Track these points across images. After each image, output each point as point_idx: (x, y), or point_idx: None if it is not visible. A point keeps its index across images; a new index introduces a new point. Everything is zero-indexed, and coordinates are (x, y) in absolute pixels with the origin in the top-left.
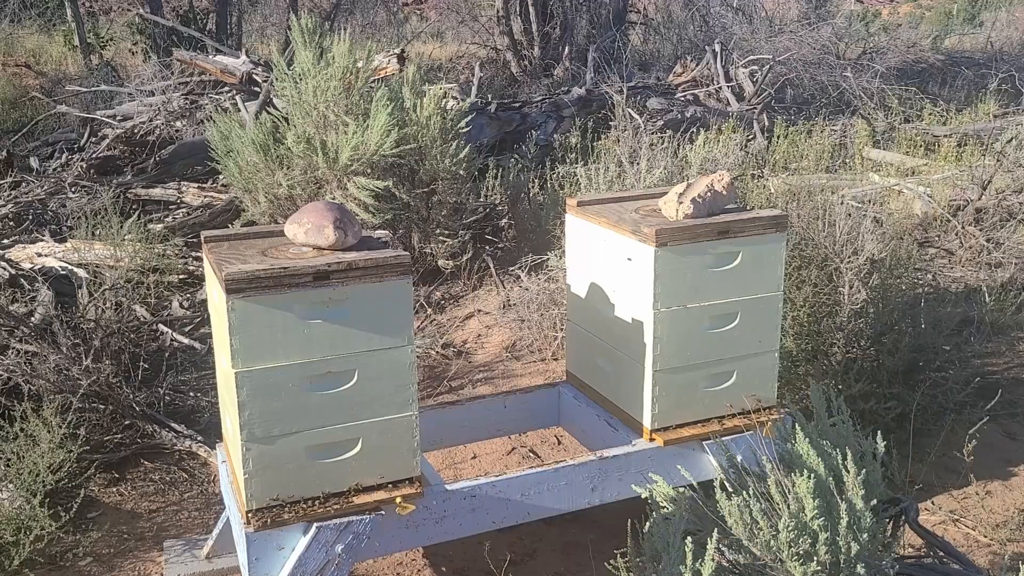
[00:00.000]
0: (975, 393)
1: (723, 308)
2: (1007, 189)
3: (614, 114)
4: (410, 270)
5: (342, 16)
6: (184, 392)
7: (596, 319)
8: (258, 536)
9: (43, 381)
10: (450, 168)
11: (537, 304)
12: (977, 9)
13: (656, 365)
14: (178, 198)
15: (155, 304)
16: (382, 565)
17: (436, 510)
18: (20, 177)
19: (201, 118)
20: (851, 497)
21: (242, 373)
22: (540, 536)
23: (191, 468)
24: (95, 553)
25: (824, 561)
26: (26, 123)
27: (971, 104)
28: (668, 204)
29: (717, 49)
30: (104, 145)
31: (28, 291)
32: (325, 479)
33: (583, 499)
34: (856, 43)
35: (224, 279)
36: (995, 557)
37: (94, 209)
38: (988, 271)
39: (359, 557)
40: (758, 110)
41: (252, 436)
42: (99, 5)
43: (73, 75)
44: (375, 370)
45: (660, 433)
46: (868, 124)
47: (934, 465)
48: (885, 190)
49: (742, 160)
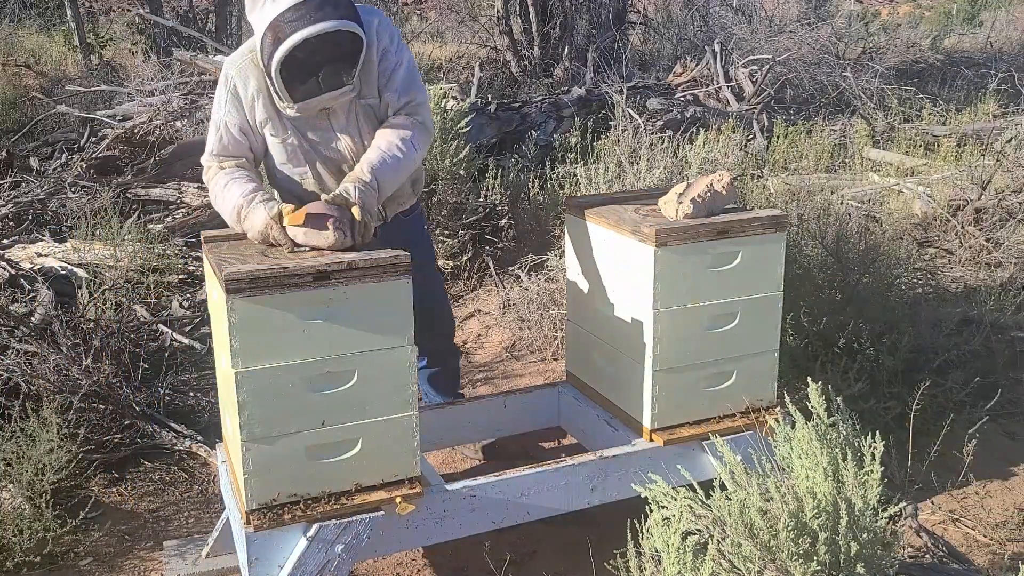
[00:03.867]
0: (975, 393)
1: (723, 308)
2: (1007, 189)
3: (614, 114)
4: (410, 270)
5: None
6: (184, 392)
7: (596, 319)
8: (258, 536)
9: (43, 381)
10: (450, 168)
11: (537, 304)
12: (977, 9)
13: (656, 365)
14: (178, 198)
15: (155, 304)
16: (382, 565)
17: (436, 510)
18: (20, 177)
19: (201, 118)
20: (851, 497)
21: (242, 373)
22: (540, 536)
23: (191, 468)
24: (95, 553)
25: (824, 561)
26: (26, 123)
27: (971, 104)
28: (668, 204)
29: (717, 49)
30: (104, 145)
31: (28, 291)
32: (325, 479)
33: (583, 499)
34: (856, 43)
35: (224, 279)
36: (995, 557)
37: (94, 209)
38: (988, 271)
39: (359, 557)
40: (758, 110)
41: (252, 436)
42: (99, 5)
43: (73, 75)
44: (375, 370)
45: (660, 433)
46: (868, 124)
47: (934, 465)
48: (885, 190)
49: (742, 160)
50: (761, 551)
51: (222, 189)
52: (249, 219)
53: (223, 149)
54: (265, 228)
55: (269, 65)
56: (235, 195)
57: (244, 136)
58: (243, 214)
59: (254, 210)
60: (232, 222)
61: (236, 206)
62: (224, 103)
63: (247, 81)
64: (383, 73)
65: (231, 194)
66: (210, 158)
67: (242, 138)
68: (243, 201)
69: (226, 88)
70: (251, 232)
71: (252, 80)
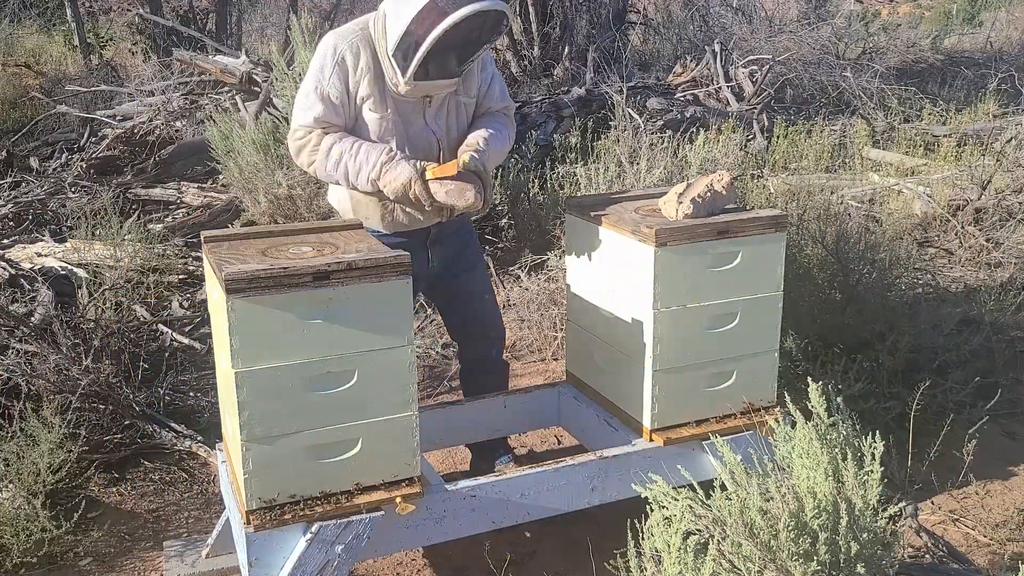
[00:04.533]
0: (975, 393)
1: (723, 308)
2: (1007, 189)
3: (614, 114)
4: (410, 270)
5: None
6: (184, 392)
7: (596, 319)
8: (258, 536)
9: (43, 381)
10: None
11: (537, 304)
12: (976, 9)
13: (656, 365)
14: (178, 198)
15: (155, 304)
16: (382, 565)
17: (436, 510)
18: (20, 177)
19: (201, 118)
20: (851, 497)
21: (242, 373)
22: (540, 536)
23: (191, 468)
24: (95, 553)
25: (824, 561)
26: (26, 123)
27: (971, 104)
28: (668, 204)
29: (717, 49)
30: (104, 145)
31: (28, 291)
32: (325, 479)
33: (583, 499)
34: (856, 43)
35: (224, 279)
36: (995, 557)
37: (94, 209)
38: (988, 271)
39: (359, 557)
40: (758, 110)
41: (252, 436)
42: (99, 5)
43: (73, 75)
44: (375, 370)
45: (660, 433)
46: (868, 124)
47: (934, 465)
48: (885, 190)
49: (742, 160)
50: (761, 551)
51: (349, 149)
52: (391, 173)
53: (326, 116)
54: (408, 182)
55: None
56: (372, 153)
57: (342, 107)
58: (383, 169)
59: (397, 165)
60: (360, 179)
61: (374, 162)
62: (328, 75)
63: (357, 56)
64: (484, 80)
65: (365, 152)
66: (313, 123)
67: (340, 109)
68: (385, 157)
69: (333, 59)
70: (391, 186)
71: (363, 55)
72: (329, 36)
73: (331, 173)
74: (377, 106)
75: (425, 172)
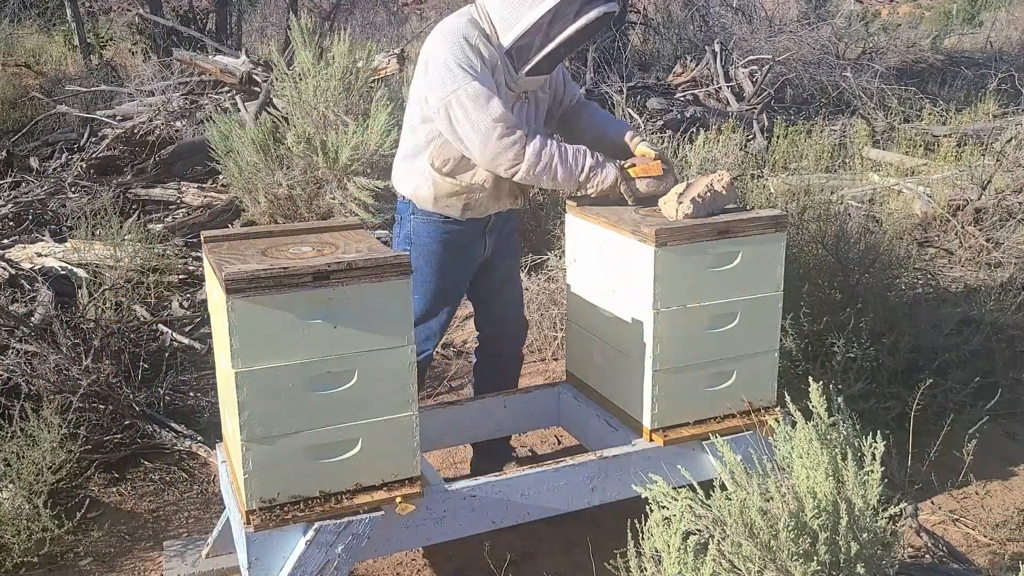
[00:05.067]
0: (975, 393)
1: (723, 308)
2: (1007, 189)
3: (614, 114)
4: (410, 270)
5: (342, 16)
6: (184, 392)
7: (596, 319)
8: (258, 536)
9: (43, 381)
10: None
11: (537, 304)
12: (976, 9)
13: (656, 365)
14: (178, 198)
15: (155, 304)
16: (382, 565)
17: (436, 510)
18: (20, 177)
19: (201, 118)
20: (851, 497)
21: (242, 373)
22: (540, 536)
23: (191, 468)
24: (95, 553)
25: (824, 561)
26: (26, 123)
27: (971, 104)
28: (668, 204)
29: (717, 49)
30: (104, 145)
31: (28, 291)
32: (325, 479)
33: (583, 499)
34: (856, 43)
35: (224, 279)
36: (995, 557)
37: (94, 209)
38: (988, 271)
39: (359, 557)
40: (758, 110)
41: (252, 436)
42: (99, 5)
43: (73, 75)
44: (375, 370)
45: (660, 433)
46: (868, 124)
47: (934, 465)
48: (885, 190)
49: (742, 160)
50: (761, 551)
51: (569, 152)
52: (602, 174)
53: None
54: (615, 182)
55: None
56: (579, 157)
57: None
58: (594, 172)
59: (606, 167)
60: (571, 181)
61: (588, 166)
62: (479, 66)
63: (483, 51)
64: (557, 73)
65: (573, 156)
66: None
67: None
68: (592, 161)
69: (476, 57)
70: (602, 186)
71: (484, 51)
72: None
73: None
74: (505, 99)
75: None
